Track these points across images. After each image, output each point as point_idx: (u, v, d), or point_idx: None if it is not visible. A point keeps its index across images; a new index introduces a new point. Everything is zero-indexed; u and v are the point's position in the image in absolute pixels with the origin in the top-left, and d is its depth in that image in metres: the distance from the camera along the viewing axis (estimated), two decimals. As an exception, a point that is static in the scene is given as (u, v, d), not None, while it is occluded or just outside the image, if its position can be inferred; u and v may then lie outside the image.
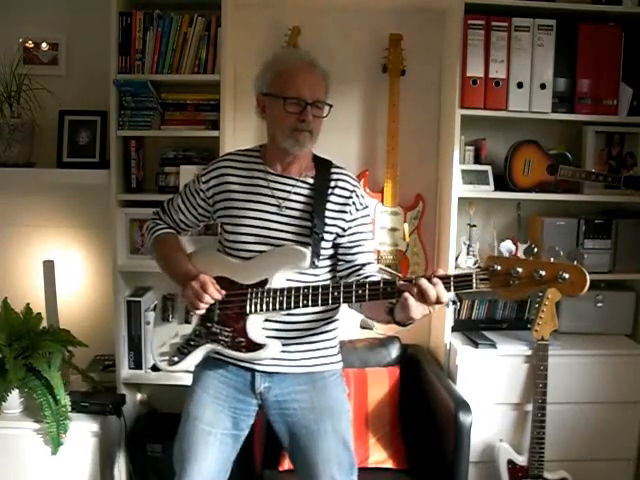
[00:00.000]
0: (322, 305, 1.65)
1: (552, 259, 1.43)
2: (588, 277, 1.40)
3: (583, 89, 2.62)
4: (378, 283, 1.58)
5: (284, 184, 1.79)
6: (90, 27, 2.72)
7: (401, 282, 1.52)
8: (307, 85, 1.70)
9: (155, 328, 1.90)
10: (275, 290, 1.68)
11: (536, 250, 1.45)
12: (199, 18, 2.56)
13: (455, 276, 1.49)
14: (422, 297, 1.46)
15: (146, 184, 2.78)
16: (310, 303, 1.64)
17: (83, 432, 2.45)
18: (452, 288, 1.48)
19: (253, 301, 1.69)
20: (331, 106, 1.75)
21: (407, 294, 1.48)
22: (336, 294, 1.61)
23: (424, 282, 1.46)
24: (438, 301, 1.46)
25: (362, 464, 2.34)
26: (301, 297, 1.64)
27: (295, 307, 1.66)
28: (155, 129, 2.63)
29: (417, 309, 1.48)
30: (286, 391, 1.81)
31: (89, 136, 2.71)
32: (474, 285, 1.46)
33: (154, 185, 2.73)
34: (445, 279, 1.48)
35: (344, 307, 1.83)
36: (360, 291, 1.59)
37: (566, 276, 1.40)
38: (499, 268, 1.44)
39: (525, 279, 1.42)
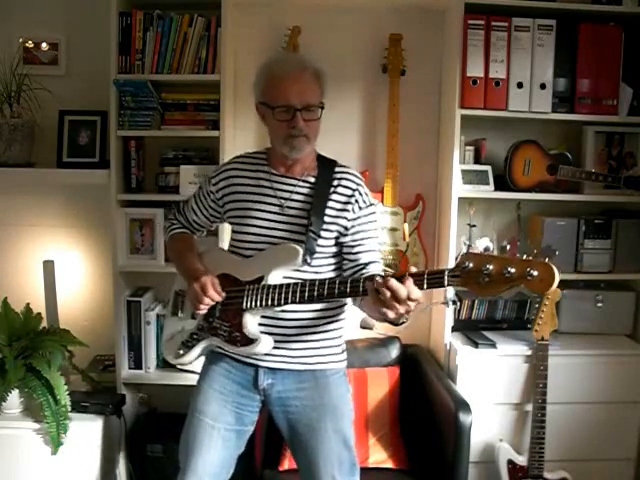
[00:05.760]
0: (308, 301, 1.67)
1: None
2: (557, 274, 1.36)
3: (583, 89, 2.62)
4: (359, 280, 1.58)
5: (286, 184, 1.81)
6: (90, 27, 2.72)
7: (375, 281, 1.48)
8: (294, 92, 1.69)
9: (166, 322, 1.97)
10: (269, 287, 1.70)
11: (509, 248, 1.44)
12: (199, 18, 2.56)
13: (428, 273, 1.47)
14: (393, 296, 1.44)
15: (146, 184, 2.78)
16: (297, 299, 1.66)
17: (83, 432, 2.44)
18: (425, 286, 1.45)
19: (249, 297, 1.72)
20: (323, 107, 1.74)
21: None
22: (320, 290, 1.62)
23: (394, 282, 1.44)
24: (410, 299, 1.44)
25: (362, 464, 2.32)
26: (290, 293, 1.66)
27: (285, 303, 1.68)
28: (155, 129, 2.63)
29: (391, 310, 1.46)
30: (289, 388, 1.82)
31: (89, 136, 2.71)
32: (445, 282, 1.45)
33: (154, 185, 2.73)
34: (418, 277, 1.46)
35: (349, 307, 1.85)
36: (342, 288, 1.60)
37: (534, 273, 1.36)
38: (471, 265, 1.42)
39: (495, 276, 1.39)
